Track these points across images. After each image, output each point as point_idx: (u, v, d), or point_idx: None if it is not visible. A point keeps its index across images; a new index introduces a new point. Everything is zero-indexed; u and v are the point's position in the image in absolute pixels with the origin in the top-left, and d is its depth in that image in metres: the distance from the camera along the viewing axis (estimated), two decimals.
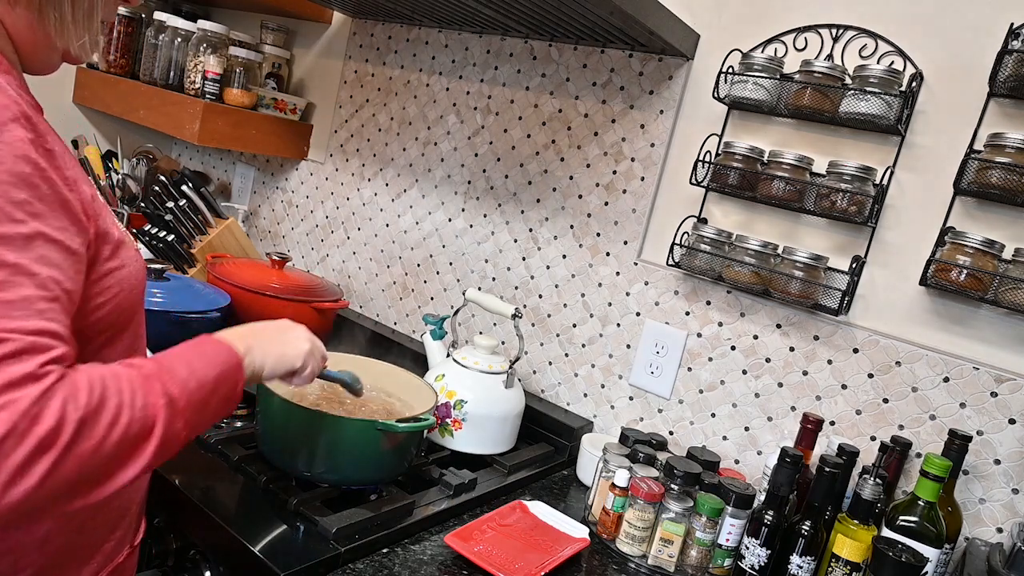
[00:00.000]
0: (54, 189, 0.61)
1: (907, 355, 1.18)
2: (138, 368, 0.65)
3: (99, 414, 0.59)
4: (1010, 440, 1.10)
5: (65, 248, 0.61)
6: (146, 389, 0.64)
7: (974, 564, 1.01)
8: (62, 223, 0.61)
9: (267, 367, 0.81)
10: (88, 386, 0.59)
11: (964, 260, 1.07)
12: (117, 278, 0.70)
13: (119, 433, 0.60)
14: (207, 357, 0.72)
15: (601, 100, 1.49)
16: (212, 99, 1.80)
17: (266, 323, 0.87)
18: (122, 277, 0.71)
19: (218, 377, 0.71)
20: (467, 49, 1.69)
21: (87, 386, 0.59)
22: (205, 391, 0.69)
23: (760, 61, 1.23)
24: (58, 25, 0.67)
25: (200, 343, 0.74)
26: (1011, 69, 1.03)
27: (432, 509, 1.09)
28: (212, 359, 0.72)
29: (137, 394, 0.63)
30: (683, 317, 1.39)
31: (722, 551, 1.07)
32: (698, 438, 1.37)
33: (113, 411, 0.60)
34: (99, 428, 0.59)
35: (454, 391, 1.30)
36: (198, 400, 0.68)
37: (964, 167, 1.08)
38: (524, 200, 1.60)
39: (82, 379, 0.59)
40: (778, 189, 1.22)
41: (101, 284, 0.69)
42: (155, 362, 0.68)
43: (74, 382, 0.59)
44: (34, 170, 0.59)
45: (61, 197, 0.62)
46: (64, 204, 0.62)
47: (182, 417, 0.66)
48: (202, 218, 1.85)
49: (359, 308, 1.89)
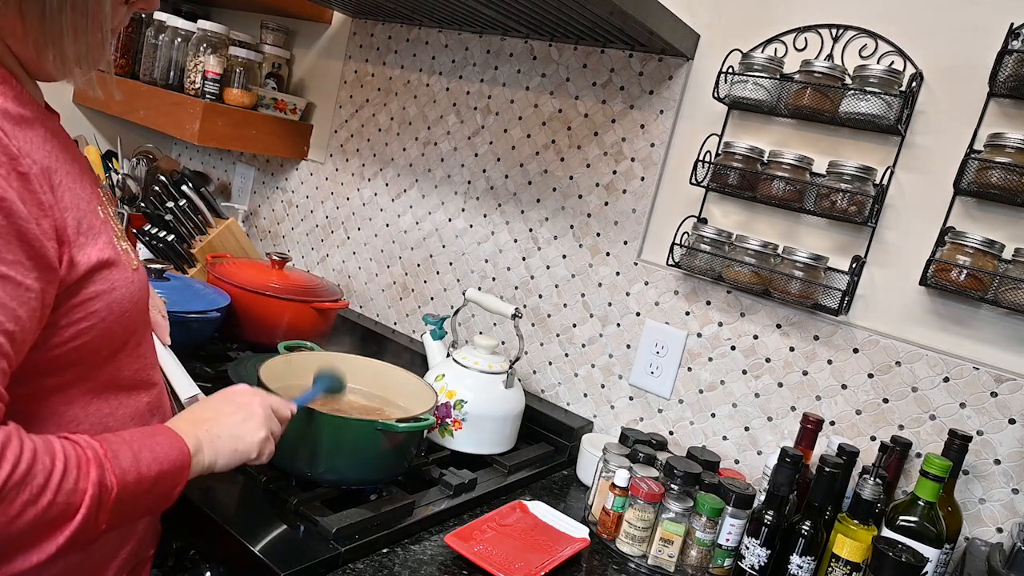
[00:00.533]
0: (11, 220, 0.57)
1: (907, 355, 1.18)
2: (79, 448, 0.62)
3: (17, 490, 0.55)
4: (1010, 440, 1.10)
5: (14, 283, 0.57)
6: (79, 473, 0.60)
7: (974, 564, 1.01)
8: (16, 256, 0.58)
9: (218, 464, 0.78)
10: (13, 458, 0.56)
11: (964, 260, 1.07)
12: (104, 302, 0.67)
13: (33, 514, 0.57)
14: (156, 451, 0.69)
15: (601, 100, 1.49)
16: (212, 99, 1.80)
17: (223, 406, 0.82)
18: (110, 301, 0.68)
19: (159, 475, 0.68)
20: (467, 49, 1.69)
21: (12, 457, 0.56)
22: (142, 487, 0.66)
23: (760, 61, 1.23)
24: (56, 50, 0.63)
25: (155, 432, 0.71)
26: (1011, 69, 1.03)
27: (432, 509, 1.09)
28: (160, 454, 0.69)
29: (67, 477, 0.59)
30: (683, 317, 1.39)
31: (722, 551, 1.07)
32: (698, 438, 1.37)
33: (34, 490, 0.57)
34: (12, 505, 0.55)
35: (454, 391, 1.30)
36: (131, 494, 0.65)
37: (964, 167, 1.08)
38: (524, 200, 1.60)
39: (11, 449, 0.56)
40: (778, 189, 1.22)
41: (83, 309, 0.66)
42: (101, 443, 0.64)
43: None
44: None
45: (20, 229, 0.58)
46: (22, 236, 0.58)
47: (107, 511, 0.63)
48: (202, 218, 1.85)
49: (359, 308, 1.89)
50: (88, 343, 0.67)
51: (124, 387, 0.74)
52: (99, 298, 0.67)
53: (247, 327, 1.55)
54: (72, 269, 0.64)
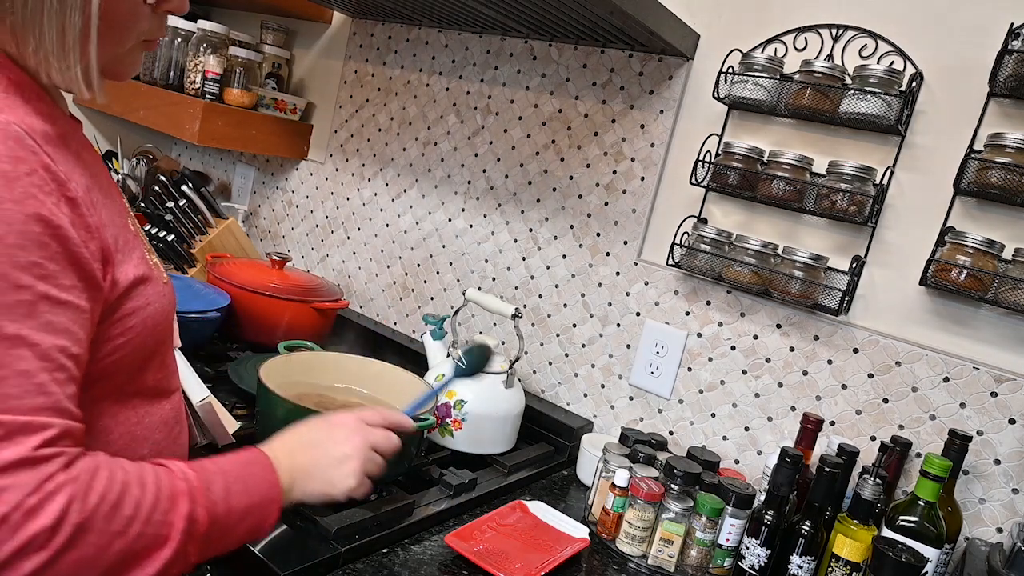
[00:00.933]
0: (66, 246, 0.58)
1: (907, 355, 1.18)
2: (173, 477, 0.63)
3: (109, 521, 0.56)
4: (1010, 440, 1.10)
5: (74, 308, 0.58)
6: (170, 505, 0.60)
7: (974, 564, 1.01)
8: (72, 281, 0.58)
9: (305, 499, 0.78)
10: (104, 487, 0.56)
11: (964, 260, 1.07)
12: (140, 317, 0.68)
13: (121, 545, 0.57)
14: (249, 482, 0.69)
15: (601, 100, 1.49)
16: (212, 99, 1.80)
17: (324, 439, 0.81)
18: (145, 316, 0.68)
19: (249, 508, 0.68)
20: (467, 49, 1.69)
21: (103, 486, 0.56)
22: (232, 519, 0.66)
23: (760, 61, 1.23)
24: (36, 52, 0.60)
25: (250, 462, 0.71)
26: (1011, 69, 1.03)
27: (432, 509, 1.09)
28: (252, 486, 0.69)
29: (158, 508, 0.59)
30: (683, 317, 1.39)
31: (722, 551, 1.07)
32: (698, 438, 1.37)
33: (123, 522, 0.57)
34: (102, 536, 0.55)
35: (454, 391, 1.30)
36: (221, 527, 0.65)
37: (964, 167, 1.08)
38: (524, 200, 1.60)
39: (100, 476, 0.57)
40: (778, 189, 1.22)
41: (121, 326, 0.66)
42: (196, 473, 0.65)
43: (88, 479, 0.56)
44: (45, 229, 0.56)
45: (73, 254, 0.58)
46: (76, 261, 0.59)
47: (197, 543, 0.63)
48: (202, 218, 1.85)
49: (359, 308, 1.89)
50: (122, 358, 0.67)
51: (150, 395, 0.74)
52: (135, 314, 0.67)
53: (247, 327, 1.55)
54: (114, 287, 0.64)
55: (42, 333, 0.55)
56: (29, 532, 0.51)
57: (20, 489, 0.52)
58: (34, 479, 0.52)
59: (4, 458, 0.52)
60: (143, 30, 0.66)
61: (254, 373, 1.10)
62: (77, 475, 0.55)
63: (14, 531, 0.51)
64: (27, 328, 0.54)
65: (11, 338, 0.53)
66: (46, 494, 0.53)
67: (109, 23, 0.62)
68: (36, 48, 0.59)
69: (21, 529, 0.51)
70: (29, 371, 0.54)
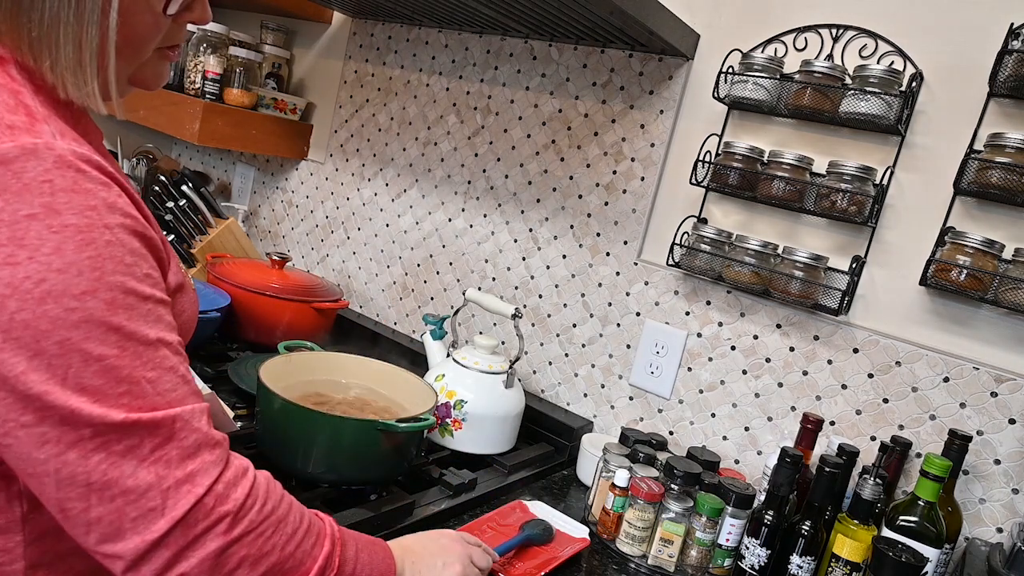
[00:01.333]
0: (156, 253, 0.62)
1: (907, 355, 1.18)
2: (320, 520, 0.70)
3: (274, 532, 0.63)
4: (1010, 440, 1.10)
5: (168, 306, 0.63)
6: (315, 541, 0.67)
7: (974, 564, 1.01)
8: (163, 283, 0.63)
9: None
10: (277, 501, 0.65)
11: (964, 260, 1.07)
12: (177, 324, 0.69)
13: (276, 558, 0.63)
14: (374, 558, 0.74)
15: (601, 100, 1.49)
16: (212, 99, 1.80)
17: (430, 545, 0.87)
18: (180, 323, 0.70)
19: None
20: (467, 49, 1.69)
21: (276, 501, 0.64)
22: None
23: (760, 61, 1.23)
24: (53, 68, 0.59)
25: (376, 542, 0.77)
26: (1011, 69, 1.03)
27: (432, 509, 1.09)
28: (377, 561, 0.74)
29: (307, 539, 0.66)
30: (683, 317, 1.39)
31: (722, 551, 1.07)
32: (698, 438, 1.37)
33: (285, 537, 0.64)
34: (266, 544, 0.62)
35: (454, 391, 1.30)
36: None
37: (964, 167, 1.08)
38: (524, 200, 1.60)
39: (274, 489, 0.65)
40: (778, 189, 1.22)
41: None
42: (338, 529, 0.72)
43: (266, 486, 0.64)
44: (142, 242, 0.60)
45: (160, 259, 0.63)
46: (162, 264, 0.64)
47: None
48: (202, 218, 1.85)
49: (359, 308, 1.89)
50: None
51: None
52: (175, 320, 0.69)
53: (247, 327, 1.55)
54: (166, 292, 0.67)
55: (169, 332, 0.61)
56: (219, 513, 0.59)
57: (209, 470, 0.60)
58: (212, 458, 0.60)
59: (187, 441, 0.59)
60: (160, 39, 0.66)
61: (254, 373, 1.10)
62: (254, 475, 0.64)
63: (207, 511, 0.59)
64: (161, 331, 0.60)
65: (154, 343, 0.59)
66: (232, 483, 0.61)
67: (127, 37, 0.62)
68: (53, 64, 0.59)
69: (213, 511, 0.59)
70: (174, 366, 0.60)
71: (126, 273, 0.57)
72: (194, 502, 0.57)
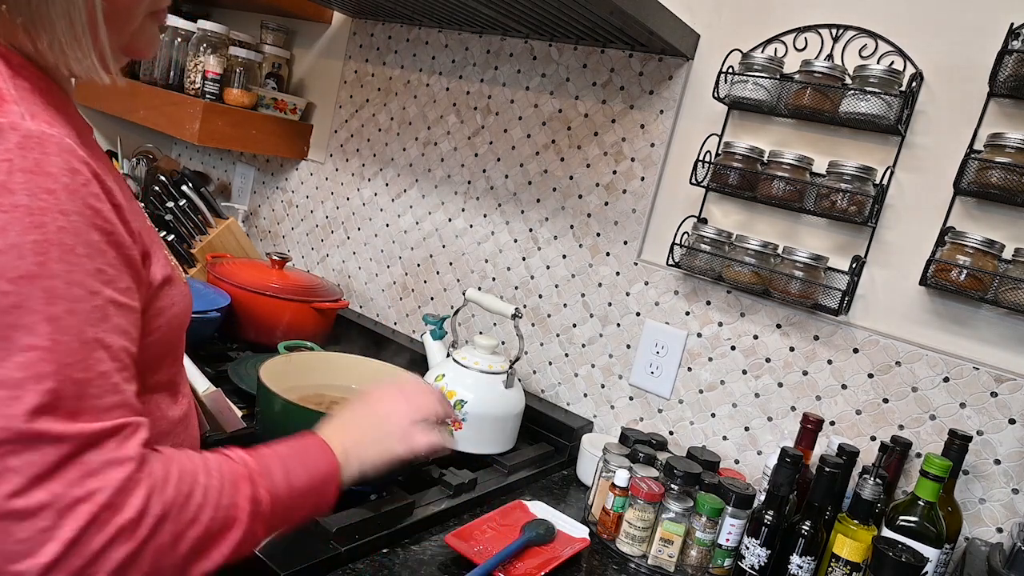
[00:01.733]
0: (121, 251, 0.60)
1: (907, 355, 1.18)
2: (233, 463, 0.66)
3: (182, 510, 0.59)
4: (1010, 440, 1.10)
5: (129, 310, 0.61)
6: (234, 490, 0.64)
7: (974, 564, 1.01)
8: (127, 283, 0.61)
9: (369, 466, 0.81)
10: (177, 479, 0.60)
11: (964, 260, 1.07)
12: (166, 317, 0.69)
13: (197, 531, 0.60)
14: (307, 463, 0.73)
15: (601, 100, 1.49)
16: (212, 99, 1.80)
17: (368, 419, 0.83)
18: (171, 316, 0.70)
19: (310, 487, 0.72)
20: (467, 49, 1.69)
21: (176, 479, 0.60)
22: (294, 498, 0.70)
23: (760, 61, 1.23)
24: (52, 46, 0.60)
25: (305, 445, 0.75)
26: (1011, 69, 1.03)
27: (432, 509, 1.09)
28: (311, 466, 0.73)
29: (224, 493, 0.63)
30: (683, 317, 1.39)
31: (722, 551, 1.07)
32: (698, 438, 1.37)
33: (195, 510, 0.60)
34: (179, 524, 0.59)
35: (454, 391, 1.30)
36: (284, 507, 0.69)
37: (964, 167, 1.08)
38: (524, 200, 1.60)
39: (172, 471, 0.60)
40: (778, 189, 1.22)
41: (148, 325, 0.67)
42: (255, 459, 0.69)
43: (163, 474, 0.59)
44: (103, 236, 0.58)
45: (127, 258, 0.61)
46: (130, 264, 0.61)
47: (264, 522, 0.66)
48: (202, 218, 1.85)
49: (359, 308, 1.89)
50: (146, 358, 0.69)
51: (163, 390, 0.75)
52: (162, 314, 0.69)
53: (247, 327, 1.55)
54: (150, 287, 0.66)
55: (113, 335, 0.58)
56: (116, 525, 0.55)
57: (107, 490, 0.55)
58: (118, 478, 0.56)
59: (93, 462, 0.55)
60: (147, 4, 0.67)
61: (254, 373, 1.10)
62: (152, 470, 0.59)
63: (103, 526, 0.54)
64: (102, 332, 0.57)
65: (91, 342, 0.56)
66: (129, 491, 0.57)
67: (114, 5, 0.62)
68: (51, 42, 0.60)
69: (109, 524, 0.55)
70: (106, 372, 0.57)
71: (73, 264, 0.55)
72: (87, 520, 0.53)
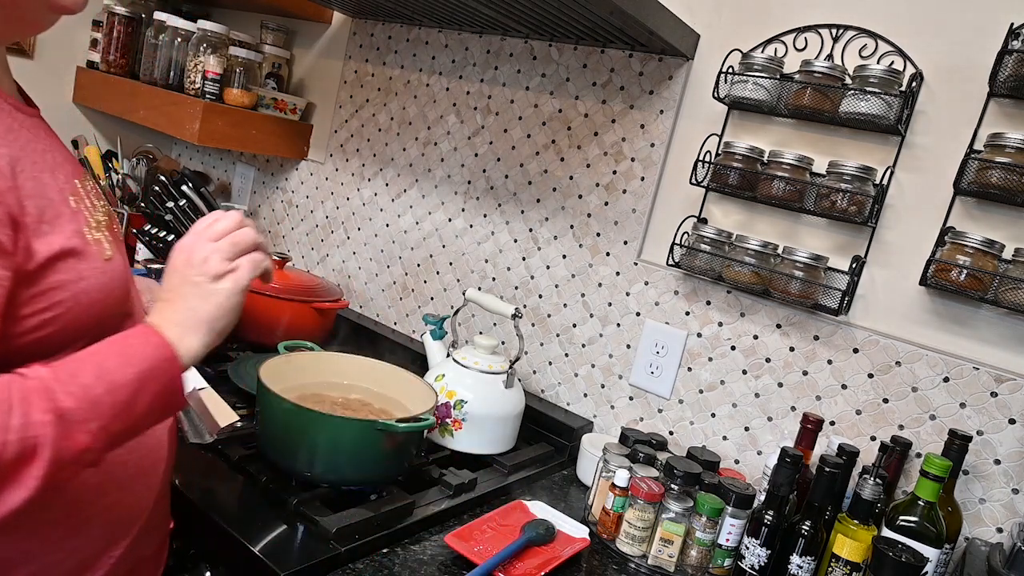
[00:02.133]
0: None
1: (907, 355, 1.18)
2: (23, 380, 0.59)
3: None
4: (1010, 440, 1.10)
5: None
6: (26, 407, 0.57)
7: (974, 564, 1.01)
8: None
9: (209, 339, 0.72)
10: None
11: (964, 260, 1.07)
12: (70, 291, 0.66)
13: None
14: (129, 353, 0.65)
15: (601, 100, 1.49)
16: (212, 99, 1.80)
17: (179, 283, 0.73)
18: (77, 291, 0.66)
19: (141, 375, 0.65)
20: (467, 49, 1.69)
21: None
22: (123, 393, 0.63)
23: (760, 61, 1.23)
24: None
25: (124, 336, 0.67)
26: (1011, 69, 1.03)
27: (432, 509, 1.09)
28: (136, 355, 0.65)
29: (13, 413, 0.56)
30: (683, 317, 1.39)
31: (722, 551, 1.07)
32: (698, 438, 1.37)
33: None
34: None
35: (454, 391, 1.30)
36: (111, 405, 0.62)
37: (964, 167, 1.08)
38: (524, 200, 1.60)
39: None
40: (778, 189, 1.22)
41: (45, 300, 0.64)
42: (50, 370, 0.61)
43: None
44: None
45: None
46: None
47: (85, 430, 0.60)
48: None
49: (359, 308, 1.89)
50: (53, 334, 0.66)
51: None
52: (64, 287, 0.65)
53: (247, 327, 1.54)
54: (30, 257, 0.63)
55: None
56: None
57: None
58: None
59: None
60: None
61: (254, 373, 1.10)
62: None
63: None
64: None
65: None
66: None
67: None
68: None
69: None
70: None
71: None
72: None
